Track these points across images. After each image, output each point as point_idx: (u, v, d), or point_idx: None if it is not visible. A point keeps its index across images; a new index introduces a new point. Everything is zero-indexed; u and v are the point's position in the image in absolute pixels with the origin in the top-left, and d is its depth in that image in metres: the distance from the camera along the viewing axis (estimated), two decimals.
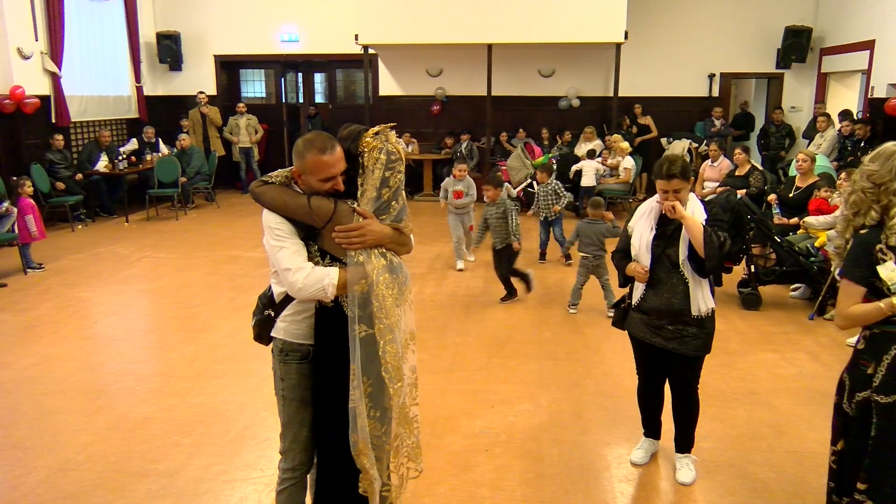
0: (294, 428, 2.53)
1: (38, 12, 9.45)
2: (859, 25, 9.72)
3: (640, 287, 3.28)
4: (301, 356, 2.48)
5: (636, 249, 3.25)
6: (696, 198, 3.20)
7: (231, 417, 4.02)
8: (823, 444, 3.70)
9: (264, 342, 2.59)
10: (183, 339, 5.32)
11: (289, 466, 2.56)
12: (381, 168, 2.34)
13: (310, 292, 2.30)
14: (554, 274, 7.14)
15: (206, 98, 11.70)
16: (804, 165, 6.87)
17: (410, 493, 3.24)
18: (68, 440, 3.77)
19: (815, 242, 6.28)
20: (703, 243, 3.02)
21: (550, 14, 10.20)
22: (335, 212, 2.32)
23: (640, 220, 3.28)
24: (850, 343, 5.09)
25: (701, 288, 3.15)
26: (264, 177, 2.45)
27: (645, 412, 3.58)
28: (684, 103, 11.75)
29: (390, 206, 2.39)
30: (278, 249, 2.33)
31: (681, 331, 3.17)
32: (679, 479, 3.39)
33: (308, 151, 2.32)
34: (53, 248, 8.14)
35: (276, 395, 2.56)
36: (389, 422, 2.42)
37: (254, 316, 2.59)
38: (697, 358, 3.24)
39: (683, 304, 3.14)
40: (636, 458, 3.55)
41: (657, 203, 3.21)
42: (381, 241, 2.36)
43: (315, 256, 2.38)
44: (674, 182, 3.06)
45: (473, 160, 11.62)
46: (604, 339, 5.30)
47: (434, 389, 4.37)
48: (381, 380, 2.35)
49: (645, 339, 3.30)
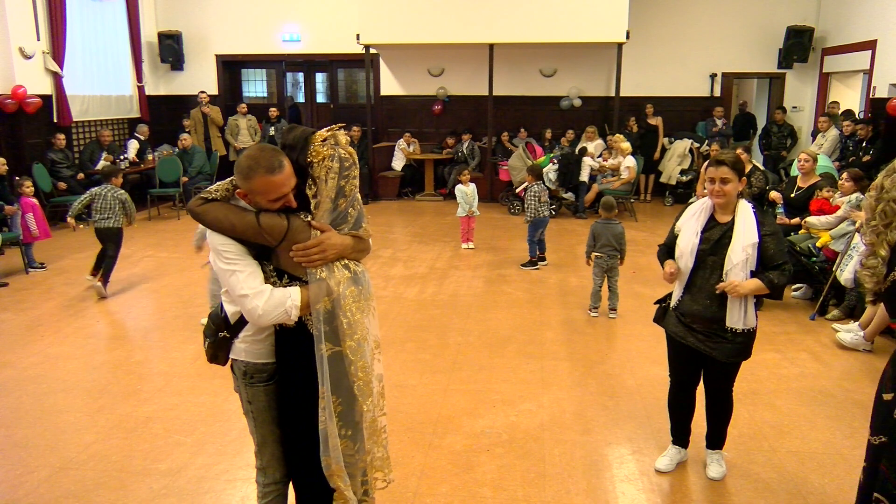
0: (270, 447, 2.44)
1: (39, 12, 9.45)
2: (861, 25, 9.71)
3: (679, 288, 3.22)
4: (267, 376, 2.35)
5: (680, 251, 3.16)
6: (747, 204, 3.08)
7: (233, 417, 4.02)
8: (826, 445, 3.72)
9: (221, 363, 2.42)
10: (185, 338, 5.32)
11: (270, 481, 2.49)
12: (335, 177, 2.16)
13: (271, 317, 2.14)
14: (555, 274, 7.14)
15: (207, 98, 11.70)
16: (806, 165, 6.86)
17: (412, 493, 3.25)
18: (70, 439, 3.77)
19: (816, 242, 6.27)
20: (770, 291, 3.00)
21: (552, 14, 10.20)
22: (289, 228, 2.14)
23: (688, 220, 3.18)
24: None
25: (743, 301, 3.02)
26: (203, 192, 2.23)
27: (675, 419, 3.49)
28: (686, 103, 11.75)
29: (348, 215, 2.24)
30: (230, 274, 2.14)
31: (716, 337, 3.10)
32: (709, 474, 3.38)
33: (254, 172, 2.09)
34: (55, 248, 8.15)
35: (246, 416, 2.45)
36: (362, 439, 2.34)
37: (206, 337, 2.40)
38: (736, 364, 3.18)
39: (720, 312, 3.06)
40: (661, 466, 3.47)
41: (708, 201, 3.13)
42: (342, 254, 2.22)
43: (271, 277, 2.21)
44: (722, 169, 3.00)
45: (475, 160, 11.62)
46: (605, 339, 5.30)
47: (436, 389, 4.37)
48: (353, 397, 2.26)
49: (680, 338, 3.23)
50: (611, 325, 5.54)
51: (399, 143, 11.90)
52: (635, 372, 4.67)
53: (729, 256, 3.01)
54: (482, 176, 11.39)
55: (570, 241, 8.68)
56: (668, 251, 3.29)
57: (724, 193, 3.03)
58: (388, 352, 4.91)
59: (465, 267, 7.40)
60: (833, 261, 5.84)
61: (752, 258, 2.99)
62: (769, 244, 3.00)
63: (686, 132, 11.29)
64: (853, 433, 3.84)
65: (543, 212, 7.26)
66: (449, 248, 8.23)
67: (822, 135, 9.28)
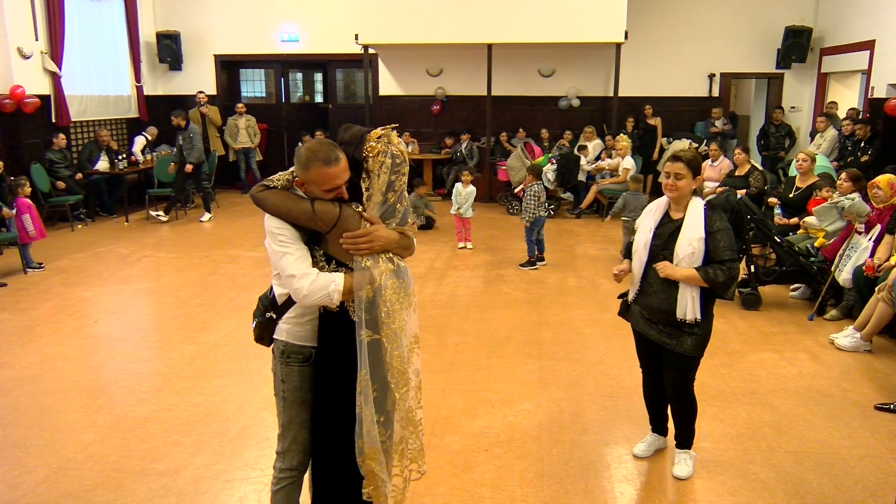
0: (294, 429, 2.52)
1: (38, 12, 9.44)
2: (859, 25, 9.72)
3: (636, 283, 3.34)
4: (303, 358, 2.45)
5: (636, 246, 3.31)
6: (699, 201, 3.21)
7: (231, 417, 4.02)
8: (824, 445, 3.72)
9: (265, 343, 2.56)
10: (183, 338, 5.32)
11: (287, 466, 2.55)
12: (387, 172, 2.29)
13: (315, 298, 2.26)
14: (554, 274, 7.14)
15: (205, 98, 11.69)
16: (804, 165, 6.87)
17: (410, 493, 3.24)
18: (68, 439, 3.77)
19: (815, 242, 6.28)
20: (708, 285, 3.10)
21: (550, 14, 10.20)
22: (340, 217, 2.28)
23: (644, 217, 3.34)
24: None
25: (691, 294, 3.14)
26: (265, 180, 2.38)
27: (650, 407, 3.61)
28: (684, 103, 11.75)
29: (395, 210, 2.36)
30: (281, 255, 2.29)
31: (672, 329, 3.21)
32: (674, 472, 3.41)
33: (311, 163, 2.25)
34: (53, 248, 8.15)
35: (276, 396, 2.54)
36: (392, 425, 2.41)
37: (254, 318, 2.55)
38: (690, 357, 3.24)
39: (672, 305, 3.17)
40: (638, 451, 3.58)
41: (664, 199, 3.27)
42: (388, 247, 2.33)
43: (320, 261, 2.34)
44: (677, 165, 3.13)
45: (473, 160, 11.62)
46: (604, 339, 5.30)
47: (434, 389, 4.37)
48: (387, 385, 2.34)
49: (641, 331, 3.37)
50: (609, 325, 5.54)
51: None
52: (633, 372, 4.65)
53: (676, 250, 3.13)
54: (481, 176, 11.40)
55: (569, 241, 8.68)
56: (629, 249, 3.42)
57: (677, 188, 3.16)
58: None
59: (463, 267, 7.40)
60: (831, 261, 5.85)
61: (698, 252, 3.10)
62: (716, 239, 3.11)
63: (685, 132, 11.30)
64: (851, 433, 3.85)
65: (541, 212, 7.28)
66: (447, 248, 8.23)
67: (821, 135, 9.29)
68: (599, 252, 8.09)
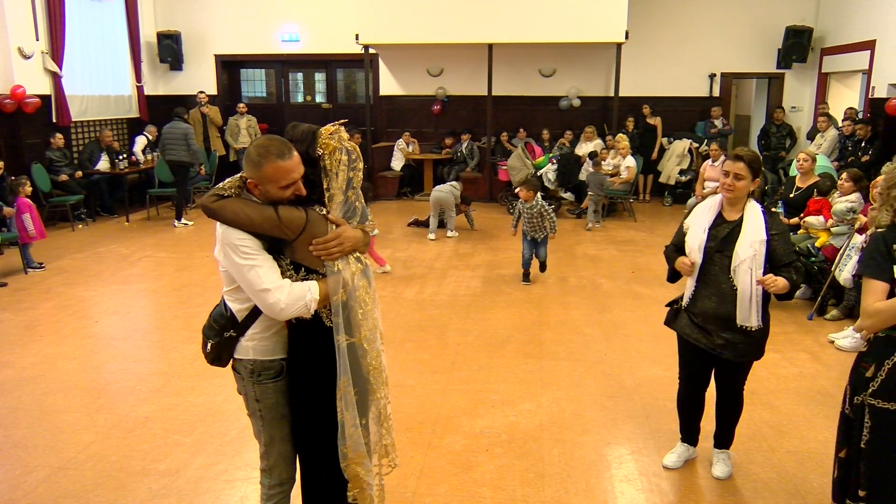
0: (277, 445, 2.44)
1: (38, 12, 9.44)
2: (860, 25, 9.71)
3: (690, 287, 3.21)
4: (275, 373, 2.35)
5: (689, 247, 3.18)
6: (756, 203, 3.12)
7: (231, 417, 4.02)
8: (824, 445, 3.72)
9: (223, 364, 2.41)
10: (184, 338, 5.32)
11: (276, 482, 2.48)
12: (345, 169, 2.23)
13: (292, 310, 2.17)
14: (554, 274, 7.14)
15: (206, 98, 11.69)
16: (805, 165, 6.86)
17: (411, 493, 3.25)
18: (69, 439, 3.77)
19: (815, 242, 6.28)
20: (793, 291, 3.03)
21: (551, 14, 10.20)
22: (308, 221, 2.19)
23: (697, 217, 3.21)
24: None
25: (753, 298, 3.01)
26: (215, 189, 2.24)
27: (684, 418, 3.50)
28: (685, 103, 11.75)
29: (355, 208, 2.30)
30: (249, 269, 2.15)
31: (728, 336, 3.10)
32: (714, 472, 3.40)
33: (265, 159, 2.14)
34: (54, 248, 8.15)
35: (252, 416, 2.43)
36: (369, 426, 2.38)
37: (207, 339, 2.38)
38: (745, 363, 3.19)
39: (731, 310, 3.06)
40: (669, 463, 3.50)
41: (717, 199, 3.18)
42: (356, 247, 2.27)
43: (287, 270, 2.24)
44: (738, 164, 3.03)
45: (474, 160, 11.63)
46: (604, 339, 5.30)
47: (435, 389, 4.37)
48: (367, 386, 2.31)
49: (692, 340, 3.23)
50: (609, 325, 5.54)
51: (398, 143, 11.90)
52: (634, 372, 4.67)
53: (736, 252, 3.02)
54: (481, 176, 11.40)
55: (569, 241, 8.68)
56: (677, 250, 3.29)
57: (735, 189, 3.05)
58: (387, 351, 4.87)
59: (463, 267, 7.40)
60: (832, 261, 5.85)
61: (759, 255, 2.99)
62: (777, 243, 3.02)
63: (685, 132, 11.30)
64: None
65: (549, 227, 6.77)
66: (448, 248, 8.23)
67: (821, 135, 9.29)
68: (600, 252, 8.08)
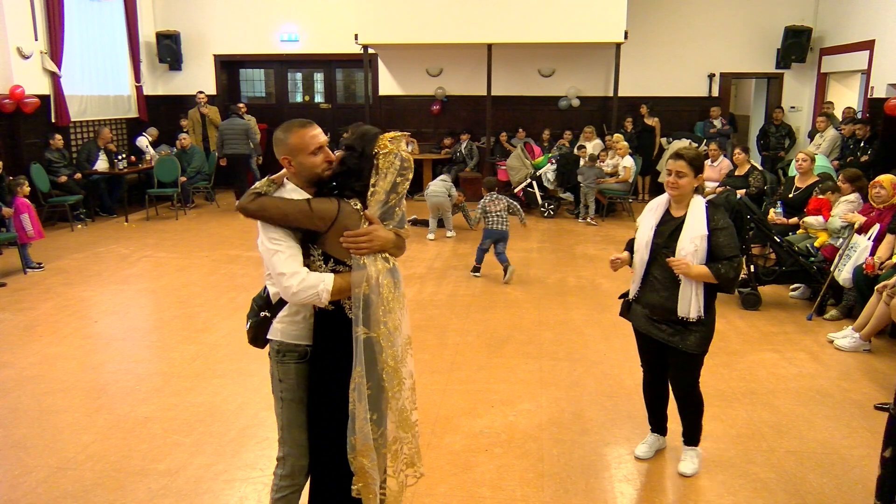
0: (294, 431, 2.50)
1: (37, 12, 9.43)
2: (859, 25, 9.72)
3: (636, 281, 3.33)
4: (298, 356, 2.46)
5: (637, 244, 3.32)
6: (700, 199, 3.22)
7: (231, 417, 4.02)
8: (824, 444, 3.72)
9: (260, 345, 2.55)
10: (183, 338, 5.32)
11: (287, 473, 2.52)
12: (395, 173, 2.34)
13: (303, 297, 2.26)
14: (554, 274, 7.14)
15: (205, 98, 11.69)
16: (804, 165, 6.87)
17: (410, 493, 3.24)
18: (69, 439, 3.77)
19: (814, 242, 6.28)
20: (718, 282, 3.10)
21: (550, 14, 10.20)
22: (339, 213, 2.29)
23: (645, 215, 3.34)
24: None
25: (693, 291, 3.13)
26: (252, 190, 2.38)
27: (650, 407, 3.60)
28: (684, 103, 11.75)
29: (394, 212, 2.40)
30: (273, 253, 2.29)
31: (676, 327, 3.21)
32: (679, 469, 3.42)
33: (288, 132, 2.34)
34: (53, 248, 8.15)
35: (274, 396, 2.53)
36: (385, 424, 2.43)
37: (248, 319, 2.54)
38: (694, 355, 3.24)
39: (675, 303, 3.17)
40: (639, 453, 3.58)
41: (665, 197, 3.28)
42: (385, 247, 2.37)
43: (317, 260, 2.34)
44: (679, 163, 3.14)
45: (473, 160, 11.62)
46: (604, 339, 5.30)
47: (434, 389, 4.37)
48: (381, 383, 2.36)
49: (644, 331, 3.36)
50: (609, 325, 5.54)
51: None
52: (634, 372, 4.65)
53: (678, 247, 3.13)
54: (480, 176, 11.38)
55: (569, 241, 8.68)
56: (632, 244, 3.43)
57: (678, 186, 3.17)
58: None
59: (463, 267, 7.39)
60: (831, 261, 5.85)
61: (700, 250, 3.10)
62: (719, 237, 3.11)
63: (684, 132, 11.30)
64: (851, 433, 3.85)
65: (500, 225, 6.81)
66: (447, 248, 8.23)
67: (821, 135, 9.29)
68: (599, 252, 8.08)
